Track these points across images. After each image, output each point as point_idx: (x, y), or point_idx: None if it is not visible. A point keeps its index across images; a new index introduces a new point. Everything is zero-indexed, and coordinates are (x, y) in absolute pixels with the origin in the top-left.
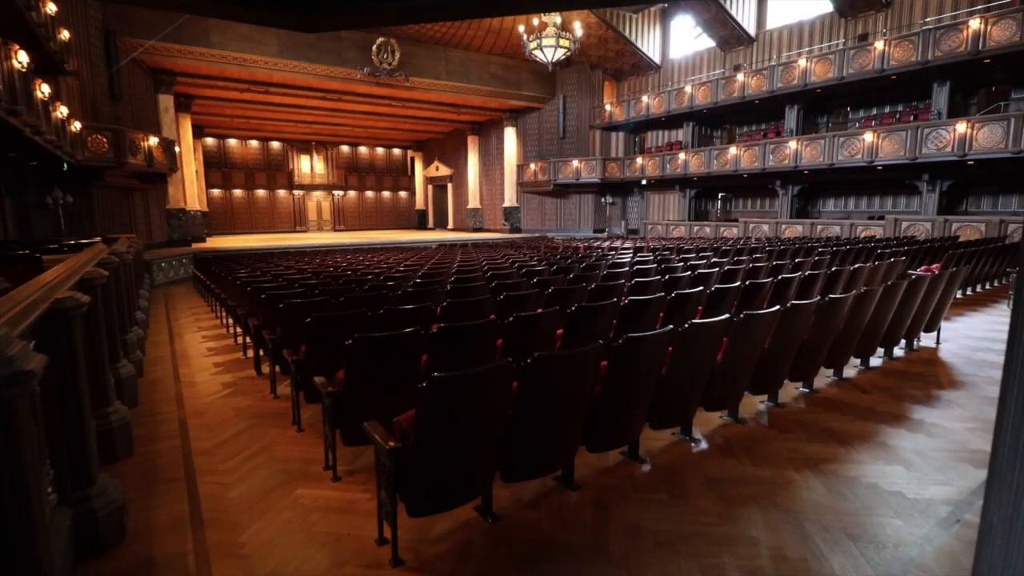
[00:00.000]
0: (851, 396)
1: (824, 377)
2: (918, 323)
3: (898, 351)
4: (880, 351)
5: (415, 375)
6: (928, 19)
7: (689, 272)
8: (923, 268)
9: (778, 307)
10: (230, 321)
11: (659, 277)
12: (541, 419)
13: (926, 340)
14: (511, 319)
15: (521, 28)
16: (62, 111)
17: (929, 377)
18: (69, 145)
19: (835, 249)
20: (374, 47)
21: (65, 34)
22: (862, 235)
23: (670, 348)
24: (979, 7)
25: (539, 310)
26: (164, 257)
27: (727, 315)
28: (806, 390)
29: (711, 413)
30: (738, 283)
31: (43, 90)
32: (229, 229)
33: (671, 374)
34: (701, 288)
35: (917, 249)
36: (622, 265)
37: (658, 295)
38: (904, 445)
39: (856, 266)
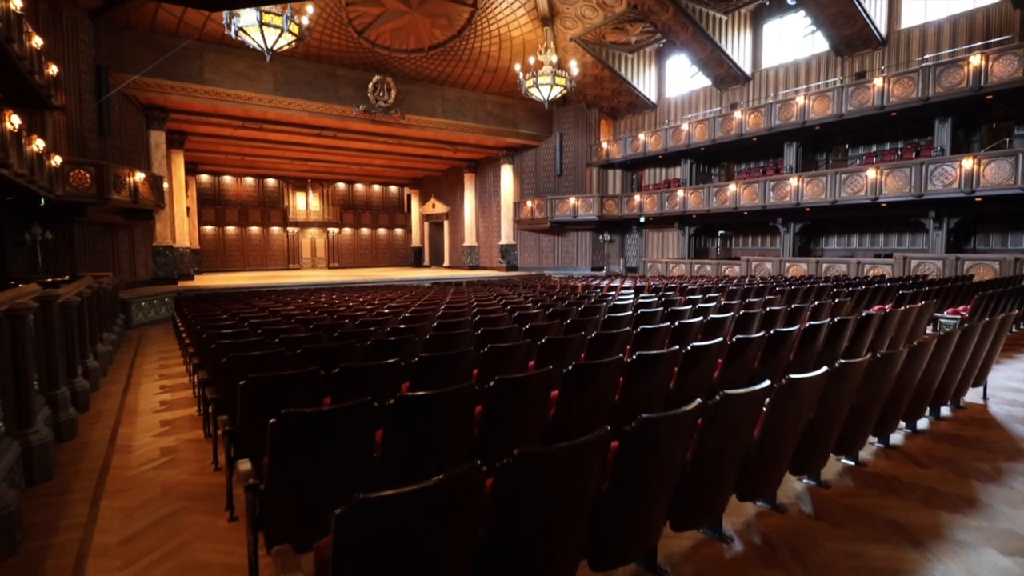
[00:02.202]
0: (906, 471)
1: (868, 444)
2: (967, 377)
3: (944, 410)
4: (926, 411)
5: (364, 460)
6: (927, 56)
7: (700, 318)
8: (950, 311)
9: (825, 369)
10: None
11: (667, 324)
12: (525, 537)
13: (971, 395)
14: (494, 383)
15: (517, 67)
16: (38, 144)
17: (990, 443)
18: (47, 180)
19: (851, 290)
20: (370, 85)
21: (53, 69)
22: (870, 274)
23: (698, 421)
24: (977, 44)
25: (531, 363)
26: (145, 296)
27: (767, 383)
28: (851, 463)
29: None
30: (761, 333)
31: (12, 121)
32: (221, 266)
33: (699, 458)
34: (720, 339)
35: (939, 289)
36: (624, 308)
37: (670, 349)
38: (992, 544)
39: (882, 309)
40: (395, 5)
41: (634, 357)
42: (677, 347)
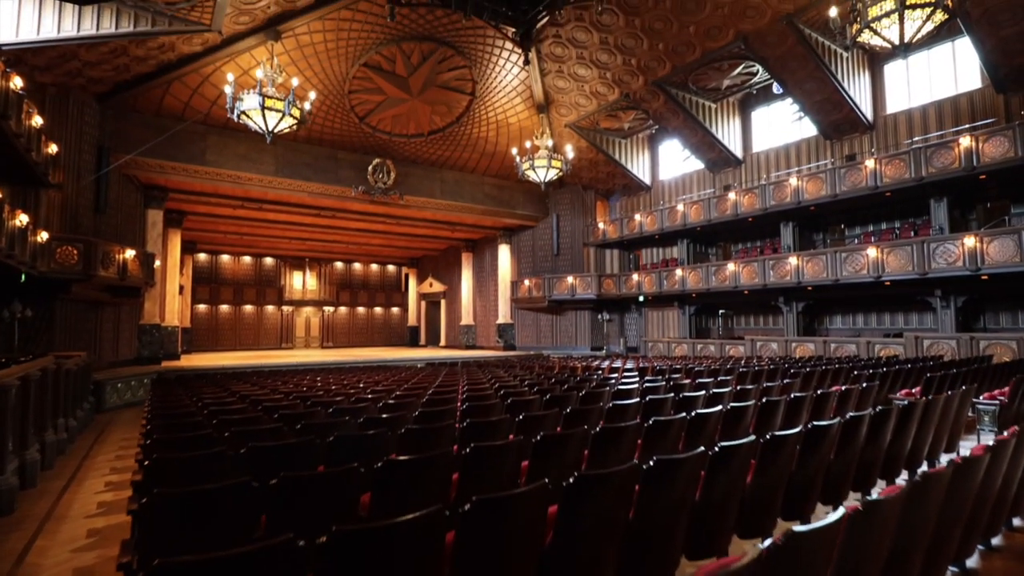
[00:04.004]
0: None
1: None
2: None
3: (1016, 520)
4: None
5: None
6: (915, 139)
7: (718, 407)
8: (986, 395)
9: (906, 484)
10: None
11: (682, 415)
12: None
13: None
14: (471, 506)
15: (514, 151)
16: (22, 219)
17: None
18: (28, 255)
19: (871, 372)
20: (370, 167)
21: (53, 148)
22: (882, 354)
23: None
24: (964, 127)
25: (524, 464)
26: (122, 376)
27: (840, 511)
28: None
29: None
30: (797, 428)
31: None
32: (212, 346)
33: None
34: (751, 438)
35: (966, 372)
36: (629, 394)
37: (694, 452)
38: None
39: (910, 395)
40: (396, 93)
41: (651, 463)
42: (702, 449)
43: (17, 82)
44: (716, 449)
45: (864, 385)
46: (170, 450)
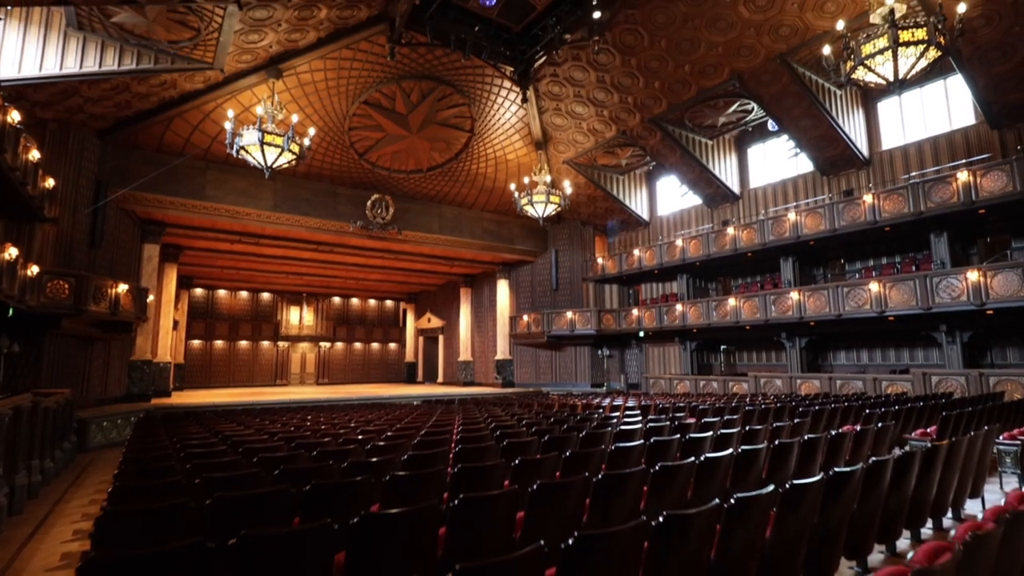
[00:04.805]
0: None
1: None
2: None
3: None
4: None
5: None
6: (912, 174)
7: (728, 451)
8: (1006, 436)
9: (962, 542)
10: None
11: (690, 460)
12: None
13: None
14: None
15: (513, 186)
16: (11, 252)
17: None
18: (17, 289)
19: (882, 411)
20: (369, 202)
21: (50, 182)
22: (889, 391)
23: None
24: (960, 162)
25: (520, 515)
26: (109, 415)
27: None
28: None
29: None
30: (819, 476)
31: None
32: (205, 382)
33: None
34: (772, 487)
35: (981, 409)
36: (632, 435)
37: (708, 507)
38: None
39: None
40: (396, 130)
41: (660, 520)
42: (716, 501)
43: (15, 116)
44: (732, 501)
45: (879, 425)
46: (134, 499)
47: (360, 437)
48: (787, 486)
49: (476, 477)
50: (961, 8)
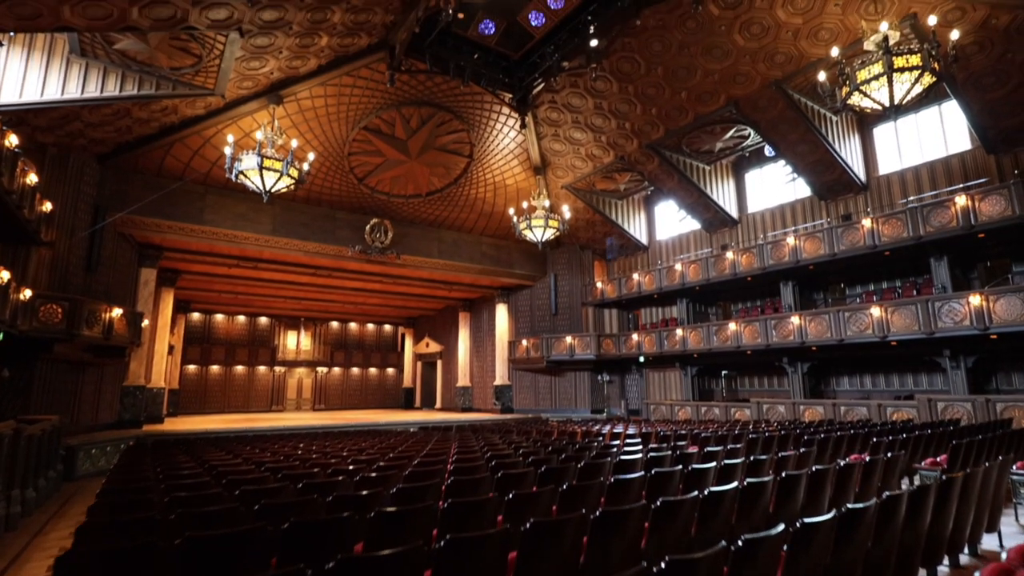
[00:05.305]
0: None
1: None
2: None
3: None
4: None
5: None
6: (910, 198)
7: (734, 484)
8: (1019, 465)
9: None
10: None
11: (693, 494)
12: None
13: None
14: None
15: (511, 211)
16: (2, 276)
17: None
18: (8, 313)
19: (890, 439)
20: (367, 227)
21: (48, 205)
22: (894, 418)
23: None
24: (958, 186)
25: (512, 555)
26: (98, 442)
27: None
28: None
29: None
30: (831, 513)
31: None
32: (199, 408)
33: None
34: (783, 527)
35: (991, 437)
36: (632, 466)
37: (715, 550)
38: None
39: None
40: (395, 155)
41: (663, 565)
42: (723, 543)
43: (12, 140)
44: (740, 543)
45: (888, 455)
46: (103, 537)
47: (351, 467)
48: (797, 525)
49: (468, 513)
50: (954, 35)
